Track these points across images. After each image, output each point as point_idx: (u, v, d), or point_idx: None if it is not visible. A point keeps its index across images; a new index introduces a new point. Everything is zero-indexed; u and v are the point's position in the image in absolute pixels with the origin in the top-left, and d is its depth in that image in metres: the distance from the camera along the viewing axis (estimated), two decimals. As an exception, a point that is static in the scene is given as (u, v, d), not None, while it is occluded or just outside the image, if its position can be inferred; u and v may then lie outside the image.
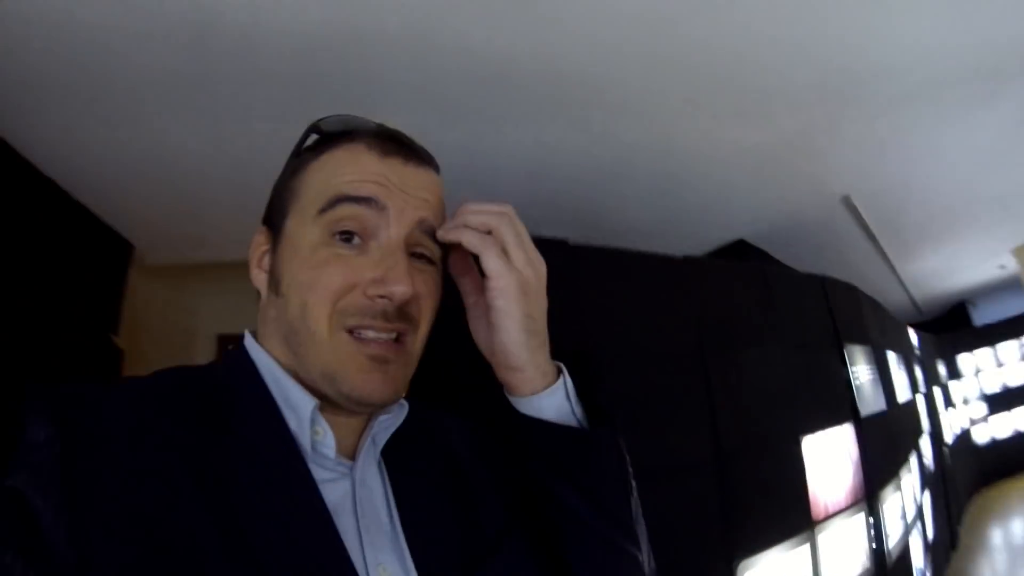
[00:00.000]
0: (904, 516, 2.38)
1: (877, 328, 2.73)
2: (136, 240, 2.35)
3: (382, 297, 0.46)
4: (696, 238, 2.97)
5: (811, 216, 2.79)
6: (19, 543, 0.35)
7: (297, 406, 0.47)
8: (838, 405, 2.21)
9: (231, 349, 0.51)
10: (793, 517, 1.91)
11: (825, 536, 1.95)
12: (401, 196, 0.48)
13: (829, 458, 2.07)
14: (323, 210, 0.47)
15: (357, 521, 0.46)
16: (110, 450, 0.39)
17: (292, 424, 0.46)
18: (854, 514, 2.09)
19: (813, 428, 2.05)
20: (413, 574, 0.46)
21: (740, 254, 3.02)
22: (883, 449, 2.34)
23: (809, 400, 2.10)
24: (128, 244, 2.34)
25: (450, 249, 0.53)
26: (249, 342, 0.51)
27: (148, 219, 2.19)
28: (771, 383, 2.02)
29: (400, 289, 0.46)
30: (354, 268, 0.47)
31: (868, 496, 2.17)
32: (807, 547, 1.88)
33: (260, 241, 0.52)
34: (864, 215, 2.72)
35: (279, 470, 0.44)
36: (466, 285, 0.55)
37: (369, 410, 0.50)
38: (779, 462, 1.94)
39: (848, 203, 2.65)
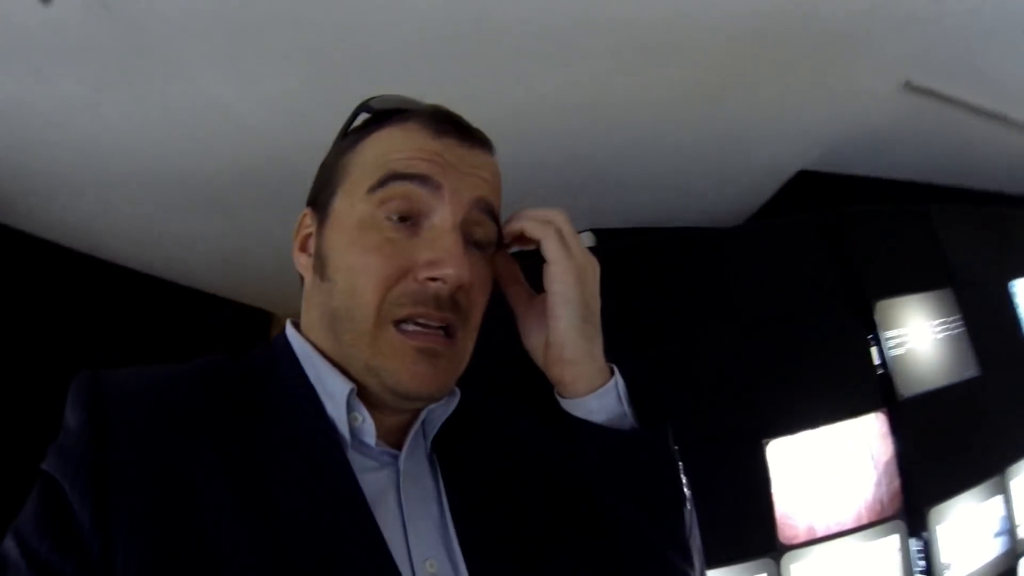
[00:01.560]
0: (1011, 530, 1.64)
1: (989, 254, 1.84)
2: (273, 307, 2.97)
3: (434, 280, 0.44)
4: (742, 191, 2.42)
5: (877, 118, 2.02)
6: (47, 527, 0.36)
7: (334, 393, 0.45)
8: (853, 390, 1.65)
9: (275, 337, 0.51)
10: (746, 541, 1.56)
11: (804, 565, 1.54)
12: (456, 175, 0.46)
13: (824, 464, 1.59)
14: (373, 188, 0.46)
15: (402, 513, 0.44)
16: (142, 438, 0.39)
17: (330, 411, 0.45)
18: (875, 537, 1.57)
19: (790, 427, 1.60)
20: (463, 571, 0.45)
21: (808, 188, 2.34)
22: (959, 438, 1.65)
23: (785, 391, 1.63)
24: (267, 313, 3.00)
25: (498, 257, 0.52)
26: (290, 330, 0.50)
27: (280, 291, 2.65)
28: (716, 378, 1.64)
29: (454, 272, 0.44)
30: (406, 252, 0.45)
31: (910, 511, 1.59)
32: (764, 577, 1.52)
33: (305, 223, 0.51)
34: (946, 92, 1.84)
35: (314, 458, 0.42)
36: (516, 295, 0.54)
37: (415, 406, 0.48)
38: (723, 474, 1.60)
39: (912, 87, 1.84)
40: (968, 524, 1.60)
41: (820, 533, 1.56)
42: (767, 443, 1.60)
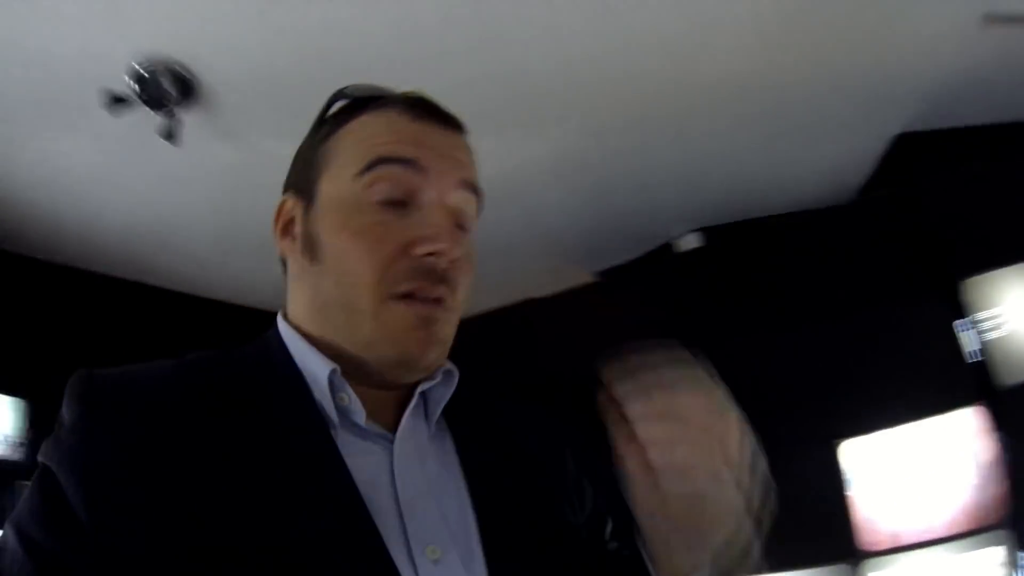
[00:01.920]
0: None
1: None
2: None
3: (429, 255, 0.45)
4: (840, 166, 2.23)
5: (964, 61, 1.78)
6: (43, 516, 0.38)
7: (317, 375, 0.45)
8: (940, 382, 1.46)
9: (269, 330, 0.52)
10: (820, 544, 1.44)
11: (888, 575, 1.39)
12: (440, 158, 0.48)
13: (913, 465, 1.43)
14: (361, 172, 0.47)
15: (397, 496, 0.43)
16: (132, 432, 0.40)
17: (317, 395, 0.45)
18: (974, 547, 1.39)
19: (865, 426, 1.45)
20: (477, 557, 0.43)
21: (911, 151, 2.09)
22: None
23: (860, 386, 1.48)
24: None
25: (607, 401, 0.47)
26: (279, 320, 0.51)
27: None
28: (785, 373, 1.53)
29: (448, 247, 0.45)
30: (399, 232, 0.46)
31: (1018, 519, 1.38)
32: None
33: (286, 208, 0.52)
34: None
35: (299, 443, 0.43)
36: (621, 436, 0.47)
37: (414, 376, 0.48)
38: (795, 472, 1.48)
39: (993, 19, 1.59)
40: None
41: (907, 540, 1.40)
42: (838, 443, 1.47)
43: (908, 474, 1.42)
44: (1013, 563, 1.36)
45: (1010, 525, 1.38)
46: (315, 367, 0.46)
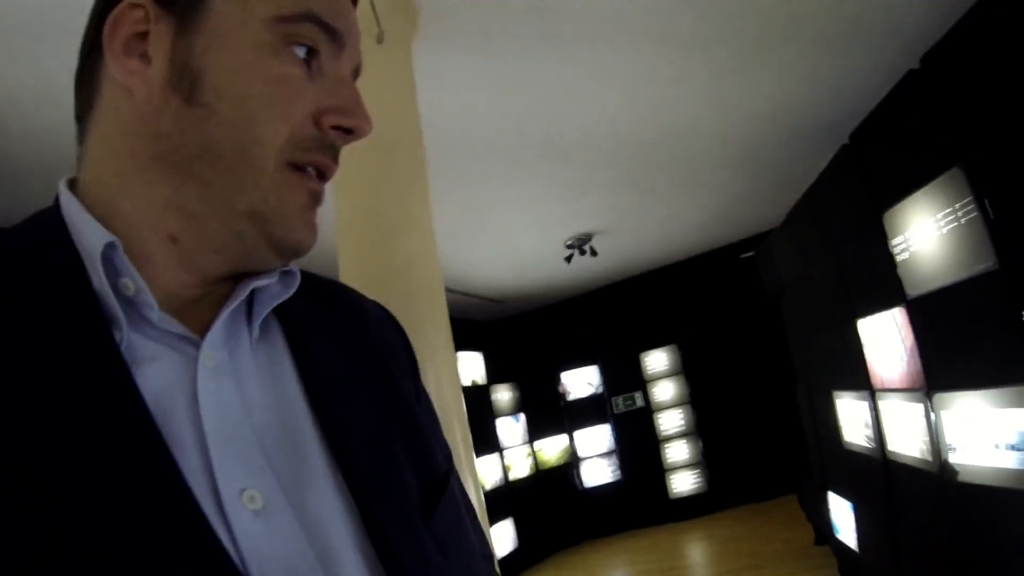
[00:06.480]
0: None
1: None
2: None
3: (338, 129, 0.41)
4: None
5: None
6: None
7: (91, 253, 0.35)
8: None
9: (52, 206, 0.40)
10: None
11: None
12: (353, 39, 0.44)
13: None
14: (284, 20, 0.39)
15: (200, 425, 0.34)
16: None
17: (97, 285, 0.35)
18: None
19: None
20: (322, 503, 0.36)
21: None
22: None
23: None
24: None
25: None
26: (62, 189, 0.40)
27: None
28: None
29: (368, 125, 0.42)
30: (314, 96, 0.40)
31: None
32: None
33: (134, 17, 0.39)
34: None
35: (66, 352, 0.32)
36: None
37: (282, 260, 0.41)
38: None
39: None
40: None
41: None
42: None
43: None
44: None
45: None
46: (91, 242, 0.36)
